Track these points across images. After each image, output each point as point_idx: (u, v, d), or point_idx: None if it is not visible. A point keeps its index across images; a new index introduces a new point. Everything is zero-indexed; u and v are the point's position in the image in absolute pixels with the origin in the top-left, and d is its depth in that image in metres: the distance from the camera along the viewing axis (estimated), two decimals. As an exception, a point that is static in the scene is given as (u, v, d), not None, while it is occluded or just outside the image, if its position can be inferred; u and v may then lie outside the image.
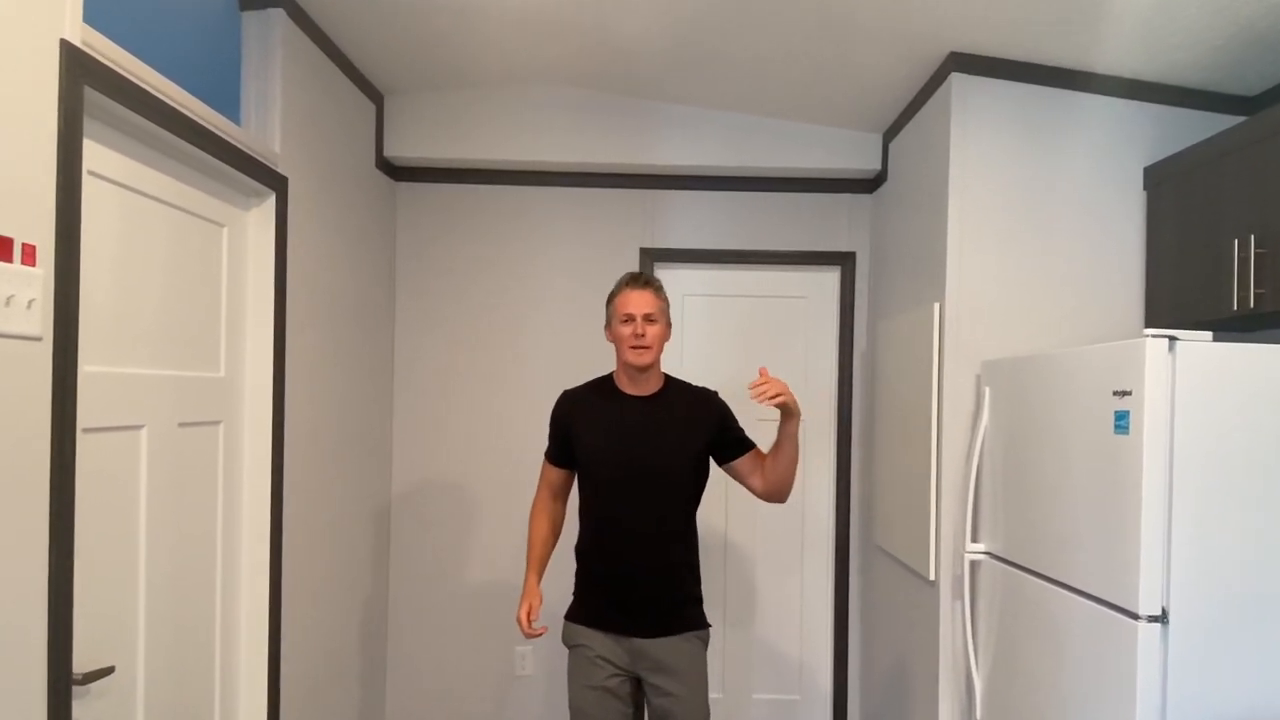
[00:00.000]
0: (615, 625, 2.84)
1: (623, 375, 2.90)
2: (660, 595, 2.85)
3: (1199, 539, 2.23)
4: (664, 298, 2.87)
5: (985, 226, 3.26)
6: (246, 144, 2.82)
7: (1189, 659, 2.22)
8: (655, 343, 2.81)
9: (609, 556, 2.87)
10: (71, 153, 1.94)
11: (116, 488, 2.29)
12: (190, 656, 2.67)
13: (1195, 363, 2.24)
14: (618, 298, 2.85)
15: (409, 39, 3.52)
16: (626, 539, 2.83)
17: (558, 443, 2.99)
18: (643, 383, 2.88)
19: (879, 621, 4.18)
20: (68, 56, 1.93)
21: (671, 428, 2.86)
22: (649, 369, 2.85)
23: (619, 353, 2.86)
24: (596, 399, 2.93)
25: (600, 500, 2.87)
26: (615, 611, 2.84)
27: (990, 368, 3.15)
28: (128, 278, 2.32)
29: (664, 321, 2.85)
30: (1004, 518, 3.00)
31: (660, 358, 2.87)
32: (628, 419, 2.86)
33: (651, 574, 2.84)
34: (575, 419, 2.93)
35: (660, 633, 2.83)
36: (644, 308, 2.79)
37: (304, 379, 3.29)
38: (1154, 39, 2.95)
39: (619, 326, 2.82)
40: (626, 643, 2.83)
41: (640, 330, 2.78)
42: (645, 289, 2.83)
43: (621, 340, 2.81)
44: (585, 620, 2.88)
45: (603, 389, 2.95)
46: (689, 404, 2.94)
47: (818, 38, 3.28)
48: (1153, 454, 2.23)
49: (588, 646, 2.85)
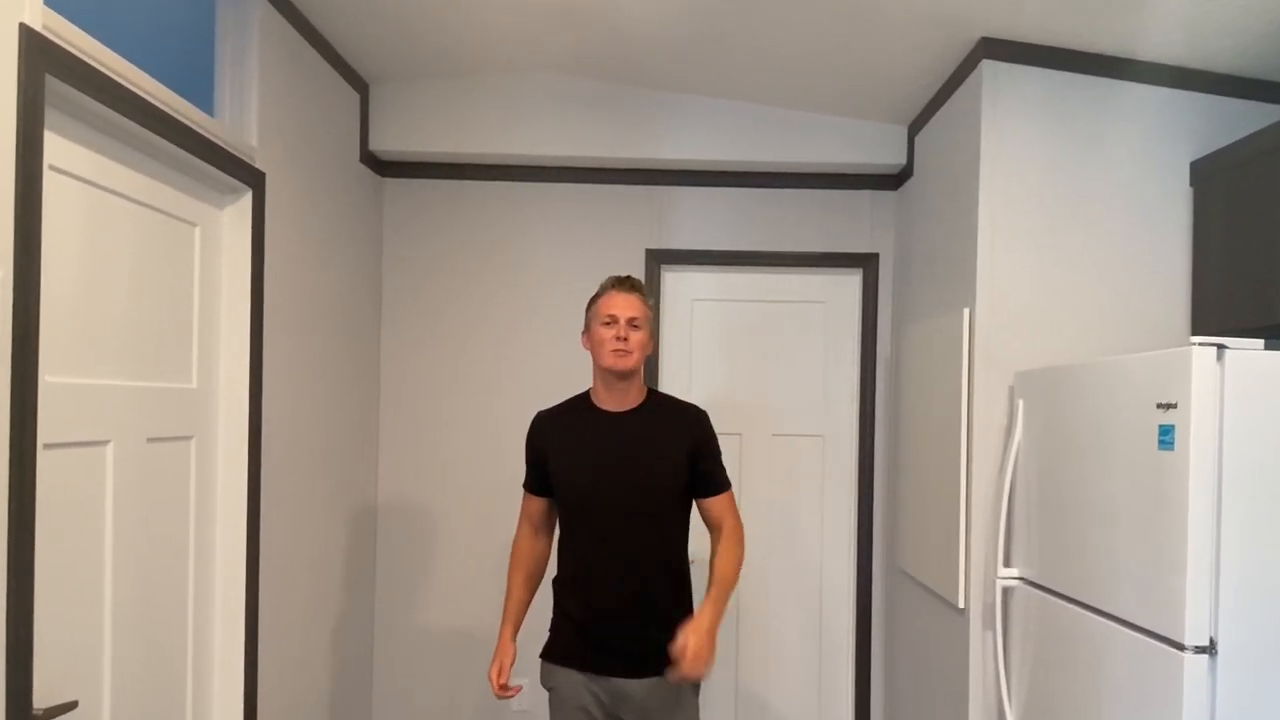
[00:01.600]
0: (594, 664, 2.79)
1: (600, 388, 2.88)
2: (643, 632, 2.77)
3: (1250, 564, 2.22)
4: (650, 306, 2.87)
5: (1018, 226, 3.25)
6: (221, 137, 2.82)
7: (1239, 693, 2.21)
8: (637, 349, 2.78)
9: (586, 590, 2.82)
10: (31, 146, 1.95)
11: (80, 508, 2.29)
12: (159, 689, 2.67)
13: (1245, 373, 2.23)
14: (600, 299, 2.84)
15: (396, 23, 3.53)
16: (605, 570, 2.79)
17: (533, 469, 2.97)
18: (621, 395, 2.84)
19: (904, 652, 4.17)
20: (27, 42, 1.93)
21: (653, 445, 2.81)
22: (629, 376, 2.81)
23: (597, 359, 2.82)
24: (571, 418, 2.91)
25: (577, 528, 2.85)
26: (593, 650, 2.79)
27: (1024, 378, 3.15)
28: (92, 281, 2.33)
29: (647, 331, 2.83)
30: (1039, 541, 2.99)
31: (641, 370, 2.85)
32: (605, 438, 2.82)
33: (633, 608, 2.78)
34: (549, 441, 2.91)
35: (642, 673, 2.77)
36: (628, 311, 2.78)
37: (283, 390, 3.30)
38: (1199, 22, 2.94)
39: (599, 329, 2.79)
40: (606, 683, 2.79)
41: (623, 334, 2.75)
42: (631, 292, 2.82)
43: (601, 343, 2.78)
44: (561, 659, 2.84)
45: (578, 407, 2.93)
46: (671, 418, 2.89)
47: (838, 22, 3.29)
48: (1199, 472, 2.22)
49: (565, 689, 2.82)
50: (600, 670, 2.79)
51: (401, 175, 4.41)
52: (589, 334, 2.86)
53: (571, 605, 2.86)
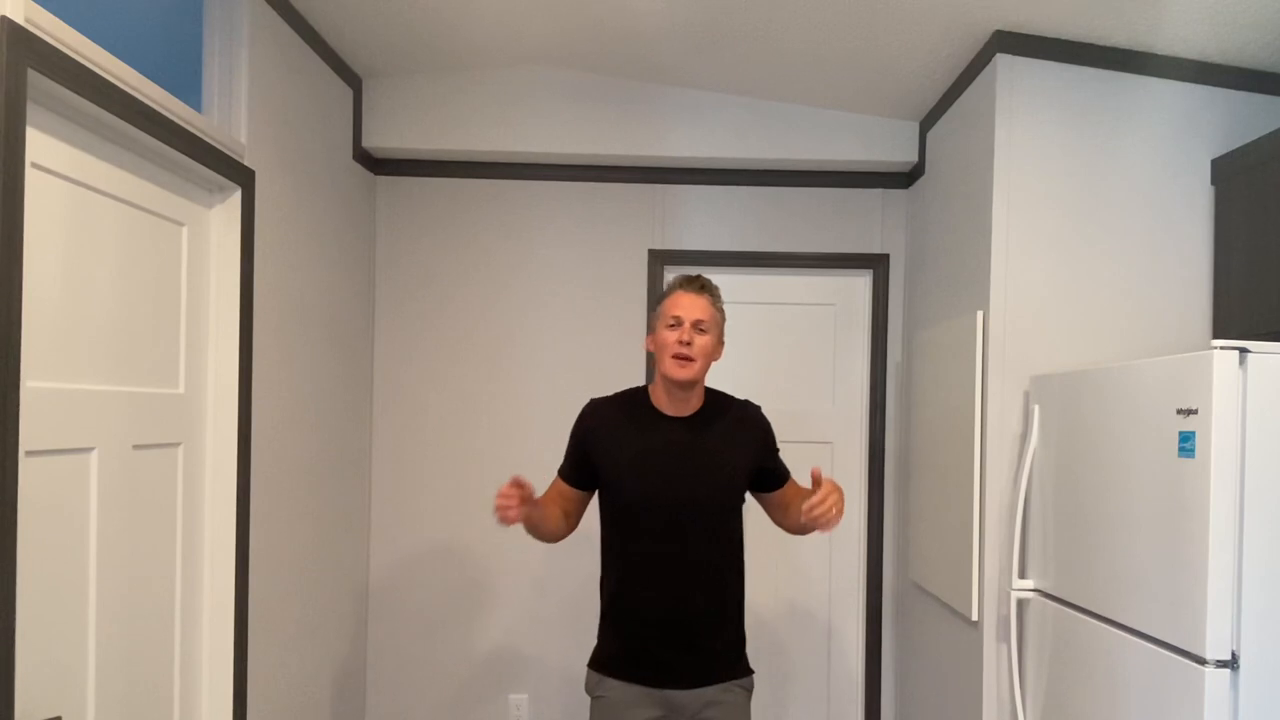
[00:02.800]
0: (648, 677, 2.75)
1: (660, 391, 2.79)
2: (701, 643, 2.76)
3: (1273, 575, 2.22)
4: (720, 309, 2.77)
5: (1034, 225, 3.26)
6: (209, 134, 2.83)
7: (1262, 708, 2.21)
8: (701, 356, 2.69)
9: (641, 600, 2.76)
10: (13, 143, 1.95)
11: (64, 517, 2.29)
12: (145, 703, 2.67)
13: (1269, 377, 2.24)
14: (667, 300, 2.75)
15: (390, 16, 3.54)
16: (662, 580, 2.73)
17: (576, 461, 2.85)
18: (682, 402, 2.77)
19: (916, 666, 4.17)
20: (9, 35, 1.94)
21: (716, 455, 2.77)
22: (692, 386, 2.75)
23: (658, 363, 2.74)
24: (628, 418, 2.81)
25: (633, 537, 2.77)
26: (648, 662, 2.75)
27: (1040, 383, 3.15)
28: (76, 283, 2.33)
29: (716, 335, 2.74)
30: (1055, 551, 2.99)
31: (704, 377, 2.77)
32: (666, 446, 2.75)
33: (692, 620, 2.75)
34: (602, 438, 2.80)
35: (699, 683, 2.75)
36: (695, 313, 2.69)
37: (273, 396, 3.30)
38: (1222, 15, 2.95)
39: (663, 331, 2.71)
40: (660, 695, 2.75)
41: (687, 337, 2.66)
42: (700, 293, 2.73)
43: (663, 347, 2.70)
44: (613, 670, 2.79)
45: (636, 406, 2.83)
46: (733, 423, 2.84)
47: (848, 14, 3.29)
48: (1221, 480, 2.22)
49: (616, 700, 2.77)
50: (656, 682, 2.74)
51: (395, 173, 4.42)
52: (653, 336, 2.77)
53: (626, 616, 2.80)
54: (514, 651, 4.41)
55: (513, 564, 4.42)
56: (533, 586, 4.41)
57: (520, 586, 4.42)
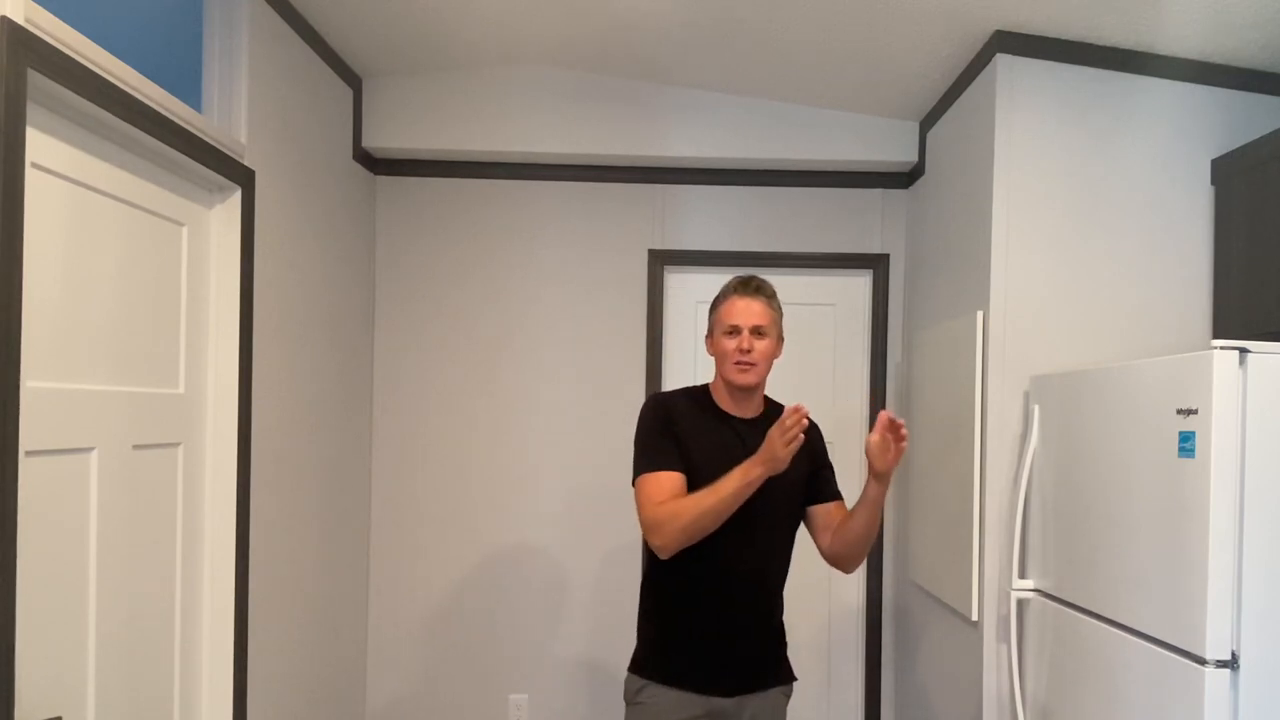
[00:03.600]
0: (697, 683, 2.71)
1: (723, 392, 2.76)
2: (757, 648, 2.76)
3: (1273, 575, 2.22)
4: (777, 307, 2.73)
5: (1034, 225, 3.26)
6: (209, 133, 2.83)
7: (1262, 709, 2.21)
8: (763, 360, 2.67)
9: (705, 605, 2.72)
10: (13, 143, 1.96)
11: (63, 517, 2.29)
12: (145, 703, 2.67)
13: (1269, 377, 2.24)
14: (723, 305, 2.72)
15: (390, 16, 3.54)
16: (730, 586, 2.70)
17: (669, 445, 2.68)
18: (745, 404, 2.75)
19: (916, 667, 4.17)
20: (9, 35, 1.94)
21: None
22: (754, 391, 2.74)
23: (720, 370, 2.72)
24: (695, 413, 2.76)
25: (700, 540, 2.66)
26: (702, 667, 2.71)
27: (1040, 383, 3.15)
28: (76, 283, 2.33)
29: (775, 335, 2.71)
30: (1055, 551, 2.99)
31: (766, 377, 2.73)
32: (736, 443, 2.68)
33: (752, 626, 2.74)
34: (682, 425, 2.71)
35: (745, 690, 2.73)
36: (753, 319, 2.65)
37: (273, 396, 3.30)
38: (1222, 15, 2.95)
39: (722, 339, 2.69)
40: (705, 702, 2.71)
41: (747, 345, 2.63)
42: (756, 296, 2.68)
43: (724, 356, 2.68)
44: (661, 676, 2.73)
45: (700, 402, 2.79)
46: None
47: (848, 13, 3.29)
48: (1221, 480, 2.22)
49: (656, 707, 2.72)
50: (702, 689, 2.71)
51: (395, 173, 4.42)
52: (712, 340, 2.76)
53: (679, 620, 2.76)
54: (514, 651, 4.41)
55: (513, 564, 4.42)
56: (533, 586, 4.41)
57: (521, 586, 4.42)
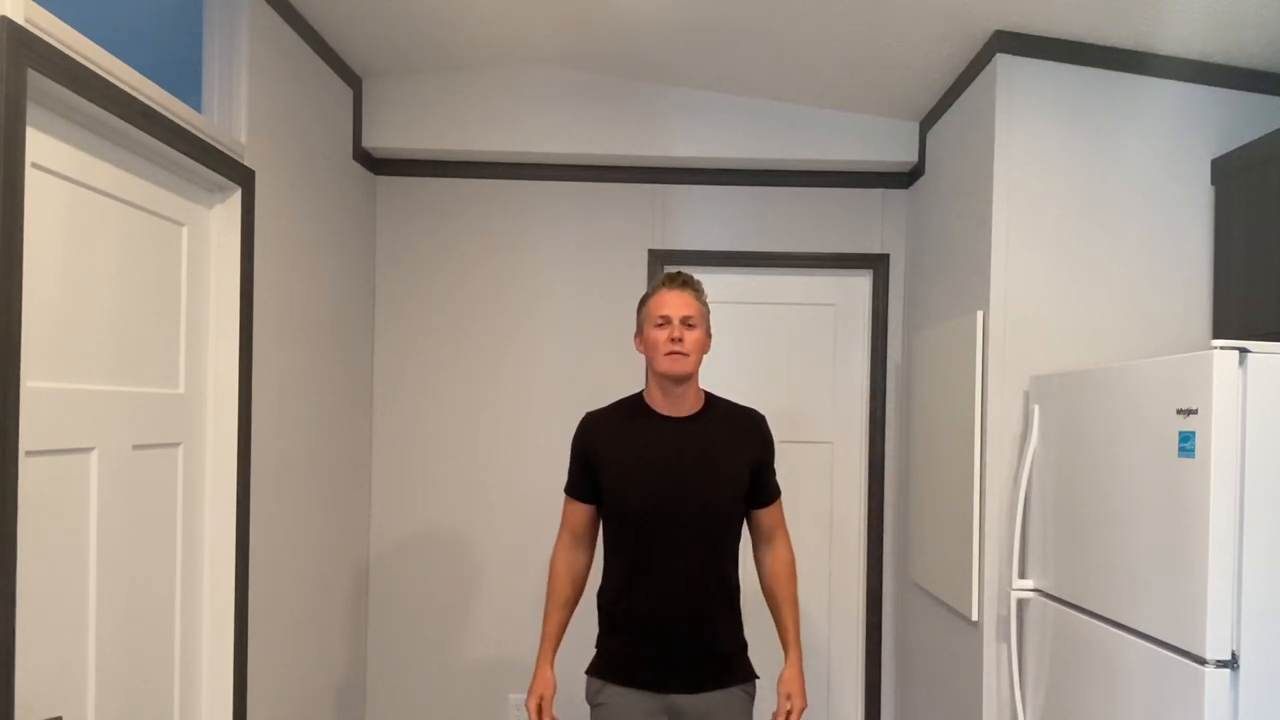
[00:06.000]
0: (650, 681, 2.75)
1: (656, 392, 2.80)
2: (703, 645, 2.77)
3: (1273, 575, 2.22)
4: (705, 302, 2.78)
5: (1034, 225, 3.26)
6: (209, 133, 2.83)
7: (1262, 709, 2.21)
8: (694, 350, 2.71)
9: (642, 603, 2.76)
10: (13, 143, 1.95)
11: (64, 517, 2.29)
12: (145, 704, 2.67)
13: (1269, 377, 2.24)
14: (652, 299, 2.77)
15: (390, 16, 3.54)
16: (663, 583, 2.73)
17: (580, 474, 2.86)
18: (679, 400, 2.78)
19: (916, 667, 4.17)
20: (9, 35, 1.94)
21: (715, 454, 2.76)
22: (686, 381, 2.75)
23: (652, 362, 2.76)
24: (625, 422, 2.82)
25: (631, 539, 2.77)
26: (650, 665, 2.75)
27: (1040, 383, 3.15)
28: (76, 283, 2.33)
29: (704, 328, 2.76)
30: (1055, 551, 2.99)
31: (698, 371, 2.77)
32: (663, 444, 2.75)
33: (693, 622, 2.75)
34: (600, 446, 2.81)
35: (702, 687, 2.75)
36: (682, 310, 2.70)
37: (273, 396, 3.30)
38: (1222, 15, 2.94)
39: (652, 331, 2.73)
40: (662, 700, 2.75)
41: (678, 334, 2.67)
42: (684, 289, 2.74)
43: (655, 346, 2.71)
44: (613, 676, 2.79)
45: (633, 410, 2.84)
46: (734, 425, 2.84)
47: (848, 13, 3.29)
48: (1221, 479, 2.22)
49: (616, 706, 2.77)
50: (657, 687, 2.75)
51: (395, 173, 4.42)
52: (641, 336, 2.80)
53: (624, 620, 2.80)
54: (514, 651, 4.41)
55: (513, 563, 4.42)
56: (534, 586, 4.41)
57: (521, 586, 4.42)
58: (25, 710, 2.10)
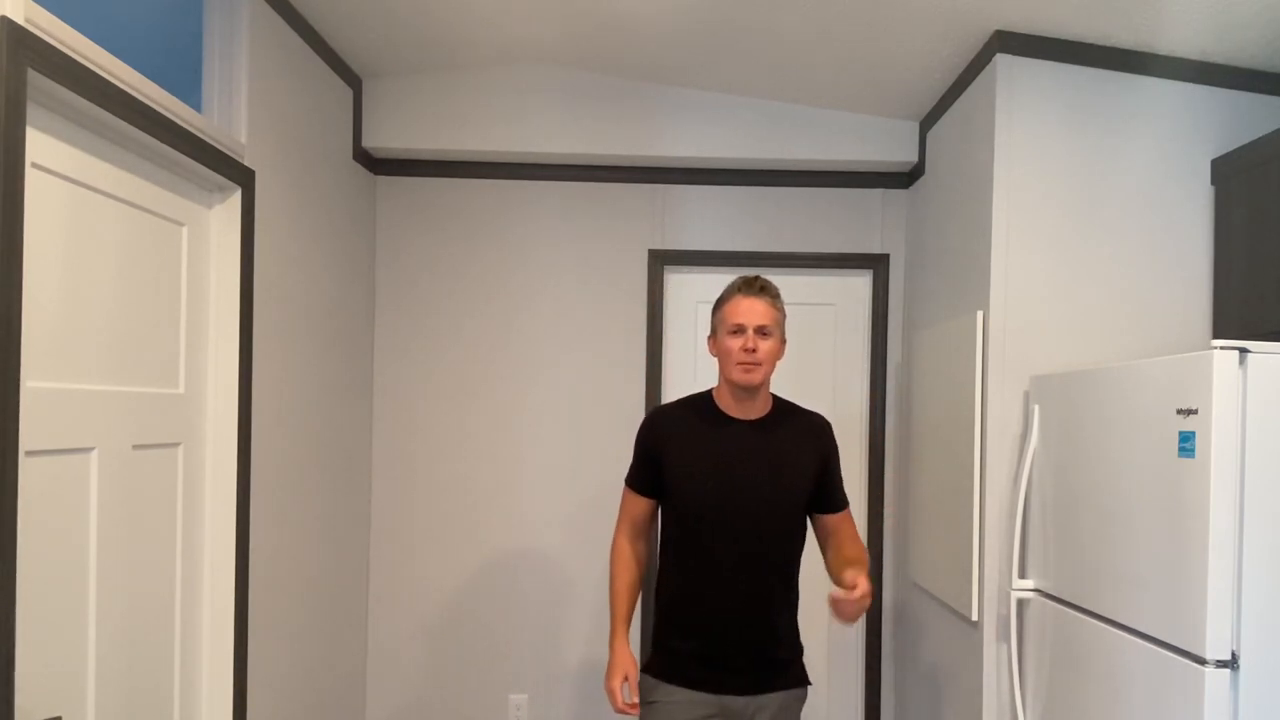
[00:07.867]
0: (707, 682, 2.74)
1: (726, 395, 2.80)
2: (762, 648, 2.76)
3: (1273, 575, 2.22)
4: (781, 308, 2.75)
5: (1034, 225, 3.26)
6: (209, 133, 2.83)
7: (1262, 709, 2.21)
8: (767, 359, 2.70)
9: (704, 604, 2.75)
10: (13, 143, 1.95)
11: (63, 517, 2.29)
12: (145, 704, 2.67)
13: (1269, 377, 2.23)
14: (726, 305, 2.74)
15: (390, 16, 3.54)
16: (727, 585, 2.73)
17: (645, 468, 2.85)
18: (749, 405, 2.78)
19: (915, 667, 4.17)
20: (9, 35, 1.94)
21: (783, 458, 2.76)
22: (758, 390, 2.75)
23: (723, 369, 2.75)
24: (694, 420, 2.81)
25: (696, 539, 2.76)
26: (708, 666, 2.74)
27: (1040, 383, 3.15)
28: (76, 283, 2.33)
29: (779, 335, 2.73)
30: (1055, 551, 2.99)
31: (770, 377, 2.76)
32: (732, 447, 2.75)
33: (755, 626, 2.75)
34: (668, 442, 2.80)
35: (758, 690, 2.75)
36: (757, 318, 2.67)
37: (273, 396, 3.30)
38: (1222, 15, 2.94)
39: (726, 338, 2.71)
40: (717, 702, 2.73)
41: (751, 344, 2.65)
42: (760, 296, 2.70)
43: (728, 354, 2.70)
44: (669, 676, 2.77)
45: (701, 409, 2.83)
46: (801, 431, 2.84)
47: (848, 13, 3.29)
48: (1221, 479, 2.22)
49: (672, 706, 2.74)
50: (713, 688, 2.74)
51: (395, 173, 4.42)
52: (715, 340, 2.79)
53: (685, 621, 2.79)
54: (514, 651, 4.41)
55: (513, 564, 4.42)
56: (533, 586, 4.41)
57: (521, 586, 4.42)
58: (25, 710, 2.10)
